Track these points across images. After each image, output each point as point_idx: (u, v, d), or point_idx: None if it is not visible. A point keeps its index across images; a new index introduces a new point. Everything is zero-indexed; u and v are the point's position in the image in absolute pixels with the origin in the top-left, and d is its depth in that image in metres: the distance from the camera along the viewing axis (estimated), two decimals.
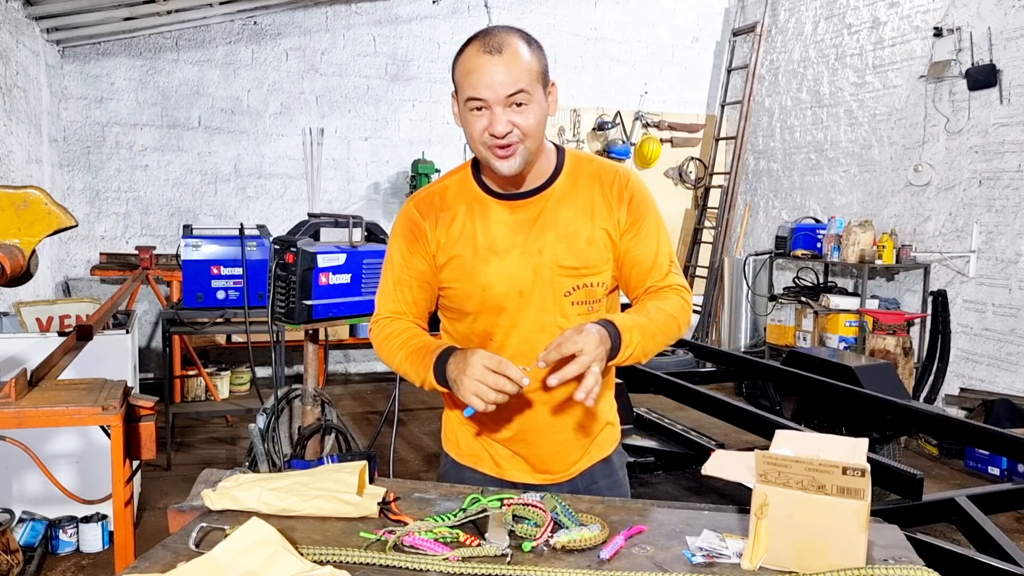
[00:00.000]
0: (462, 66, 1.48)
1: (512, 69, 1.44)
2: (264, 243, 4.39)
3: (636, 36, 7.96)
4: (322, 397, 2.86)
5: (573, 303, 1.59)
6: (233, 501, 1.29)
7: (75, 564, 3.34)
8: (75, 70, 6.42)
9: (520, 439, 1.67)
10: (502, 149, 1.47)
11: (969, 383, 5.60)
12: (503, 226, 1.58)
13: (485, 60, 1.44)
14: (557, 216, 1.58)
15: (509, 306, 1.58)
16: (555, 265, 1.57)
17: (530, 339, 1.58)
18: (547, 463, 1.69)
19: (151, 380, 6.35)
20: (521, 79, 1.45)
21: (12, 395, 1.78)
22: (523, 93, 1.45)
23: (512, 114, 1.46)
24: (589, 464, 1.72)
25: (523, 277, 1.57)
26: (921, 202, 6.05)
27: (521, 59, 1.46)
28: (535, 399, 1.63)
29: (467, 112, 1.48)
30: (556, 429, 1.66)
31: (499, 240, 1.58)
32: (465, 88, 1.47)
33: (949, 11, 5.78)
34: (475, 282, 1.59)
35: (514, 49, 1.46)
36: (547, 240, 1.57)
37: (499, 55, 1.44)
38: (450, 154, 7.44)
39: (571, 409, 1.64)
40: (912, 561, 1.17)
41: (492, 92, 1.44)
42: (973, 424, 3.81)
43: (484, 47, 1.45)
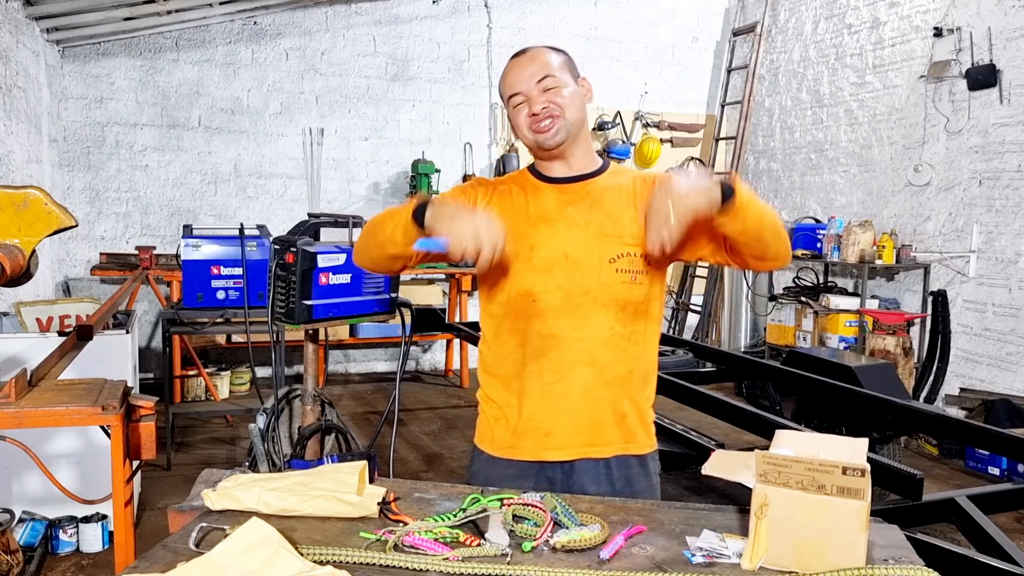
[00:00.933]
0: (503, 79, 1.73)
1: (537, 62, 1.68)
2: (264, 243, 4.39)
3: (636, 36, 7.96)
4: (322, 397, 2.86)
5: (617, 270, 1.66)
6: (233, 501, 1.29)
7: (75, 564, 3.34)
8: (75, 70, 6.42)
9: (552, 413, 1.68)
10: (542, 122, 1.66)
11: (969, 383, 5.60)
12: (553, 202, 1.72)
13: (515, 63, 1.71)
14: (603, 198, 1.71)
15: (555, 267, 1.66)
16: (600, 233, 1.67)
17: (575, 300, 1.66)
18: (581, 435, 1.68)
19: (151, 380, 6.35)
20: (547, 67, 1.67)
21: (12, 395, 1.78)
22: (550, 78, 1.66)
23: (544, 95, 1.66)
24: (622, 451, 1.72)
25: (570, 241, 1.67)
26: (921, 202, 6.05)
27: (545, 54, 1.71)
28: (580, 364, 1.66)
29: (513, 112, 1.71)
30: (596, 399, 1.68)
31: (549, 211, 1.71)
32: (506, 91, 1.71)
33: (949, 11, 5.78)
34: (524, 241, 1.68)
35: (539, 49, 1.72)
36: (594, 215, 1.69)
37: (524, 55, 1.71)
38: (450, 154, 7.44)
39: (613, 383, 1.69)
40: (912, 561, 1.17)
41: (524, 83, 1.67)
42: (973, 424, 3.80)
43: (517, 54, 1.72)
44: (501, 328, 1.74)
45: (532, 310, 1.67)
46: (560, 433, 1.69)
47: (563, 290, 1.66)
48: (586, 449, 1.69)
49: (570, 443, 1.69)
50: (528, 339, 1.69)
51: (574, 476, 1.70)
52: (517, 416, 1.71)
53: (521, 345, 1.70)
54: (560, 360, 1.67)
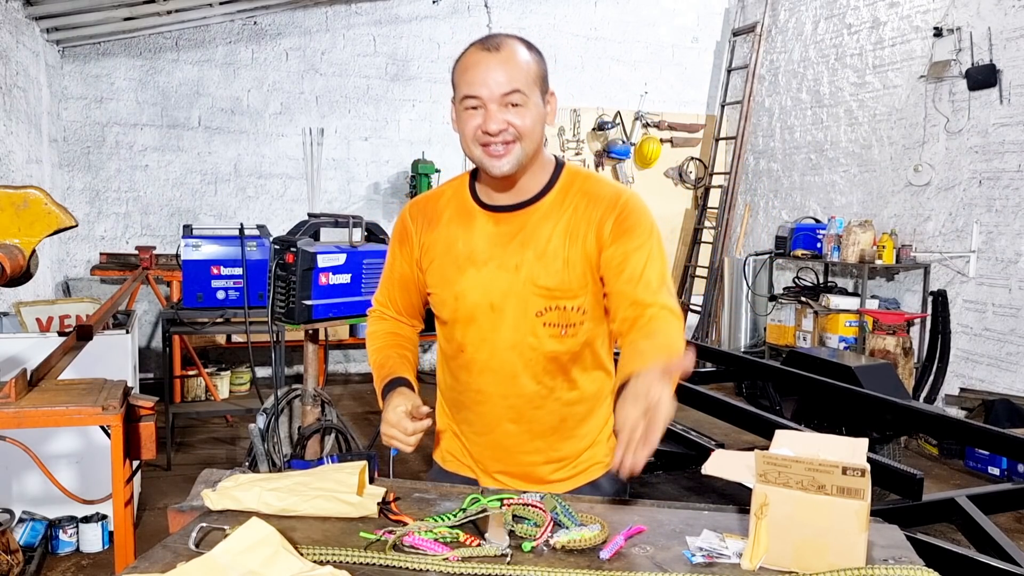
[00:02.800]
0: (460, 65, 1.48)
1: (509, 67, 1.43)
2: (264, 243, 4.39)
3: (636, 36, 7.96)
4: (322, 397, 2.86)
5: (545, 324, 1.54)
6: (233, 501, 1.29)
7: (75, 564, 3.34)
8: (75, 70, 6.42)
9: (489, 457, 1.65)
10: (495, 147, 1.46)
11: (969, 383, 5.60)
12: (485, 237, 1.56)
13: (482, 57, 1.44)
14: (538, 233, 1.53)
15: (480, 318, 1.56)
16: (530, 283, 1.52)
17: (499, 356, 1.56)
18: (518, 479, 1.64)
19: (151, 380, 6.35)
20: (518, 79, 1.43)
21: (12, 395, 1.78)
22: (519, 93, 1.44)
23: (507, 113, 1.44)
24: (574, 487, 1.64)
25: (496, 290, 1.54)
26: (921, 202, 6.05)
27: (519, 59, 1.45)
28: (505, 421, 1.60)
29: (462, 111, 1.47)
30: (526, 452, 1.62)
31: (479, 251, 1.56)
32: (461, 86, 1.46)
33: (949, 11, 5.77)
34: (450, 289, 1.58)
35: (512, 49, 1.45)
36: (525, 256, 1.53)
37: (496, 52, 1.44)
38: (450, 154, 7.44)
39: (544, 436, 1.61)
40: (912, 561, 1.17)
41: (487, 89, 1.43)
42: (973, 424, 3.80)
43: (483, 46, 1.45)
44: (441, 368, 1.72)
45: (460, 360, 1.62)
46: (497, 473, 1.66)
47: (488, 343, 1.56)
48: (527, 487, 1.60)
49: (509, 484, 1.63)
50: (459, 387, 1.65)
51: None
52: (462, 446, 1.70)
53: (453, 388, 1.67)
54: (487, 415, 1.61)
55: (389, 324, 1.75)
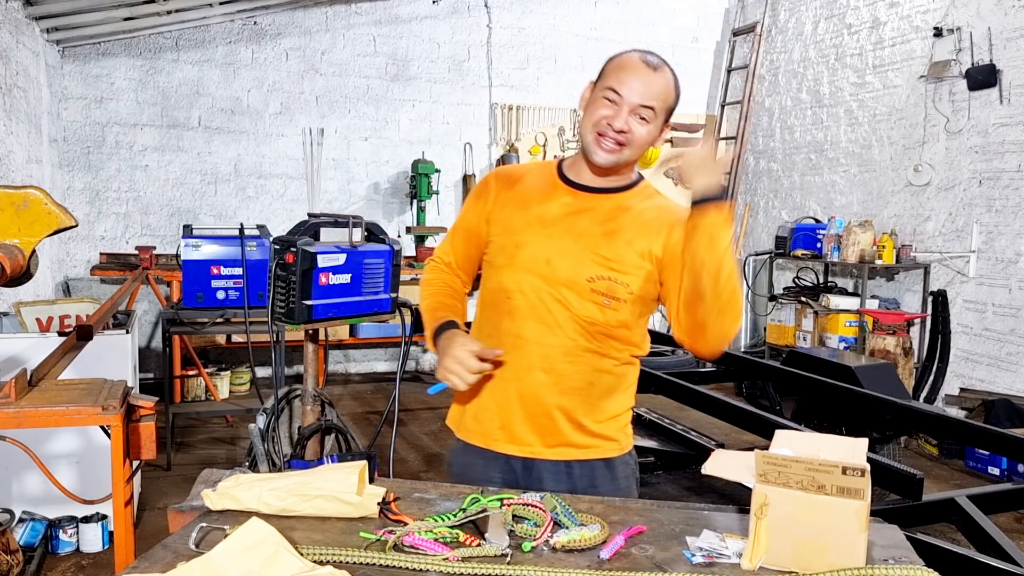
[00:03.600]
0: (618, 62, 1.64)
1: (655, 86, 1.61)
2: (264, 243, 4.39)
3: (636, 36, 7.96)
4: (322, 397, 2.86)
5: (593, 290, 1.64)
6: (233, 501, 1.29)
7: (75, 564, 3.34)
8: (75, 70, 6.42)
9: (506, 409, 1.70)
10: (607, 140, 1.62)
11: (969, 383, 5.60)
12: (560, 206, 1.70)
13: (642, 67, 1.61)
14: (611, 216, 1.68)
15: (534, 269, 1.67)
16: (590, 250, 1.65)
17: (544, 304, 1.67)
18: (532, 435, 1.69)
19: (151, 380, 6.35)
20: (656, 98, 1.61)
21: (12, 395, 1.78)
22: (651, 111, 1.61)
23: (633, 119, 1.61)
24: (585, 457, 1.71)
25: (555, 249, 1.66)
26: (921, 202, 6.05)
27: (666, 84, 1.63)
28: (537, 370, 1.67)
29: (598, 98, 1.63)
30: (548, 405, 1.68)
31: (550, 214, 1.70)
32: (611, 79, 1.62)
33: (949, 11, 5.78)
34: (512, 238, 1.70)
35: (665, 74, 1.63)
36: (592, 230, 1.67)
37: (653, 71, 1.61)
38: (450, 154, 7.45)
39: (570, 393, 1.68)
40: (912, 561, 1.17)
41: (630, 92, 1.60)
42: (973, 424, 3.81)
43: (645, 58, 1.63)
44: (481, 317, 1.80)
45: (504, 306, 1.70)
46: (512, 430, 1.71)
47: (536, 293, 1.66)
48: (540, 450, 1.70)
49: (523, 441, 1.70)
50: (497, 333, 1.71)
51: (534, 472, 1.71)
52: (476, 402, 1.75)
53: (491, 336, 1.72)
54: (519, 362, 1.68)
55: (447, 276, 1.85)
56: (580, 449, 1.71)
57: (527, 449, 1.70)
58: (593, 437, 1.71)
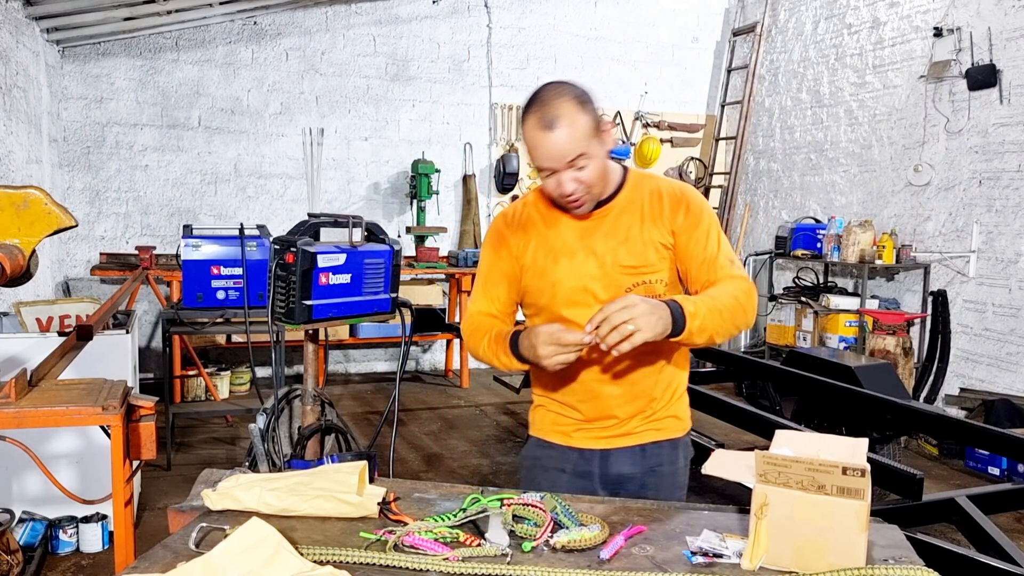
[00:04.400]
0: (526, 138, 1.68)
1: (567, 140, 1.62)
2: (264, 243, 4.39)
3: (636, 36, 7.96)
4: (322, 397, 2.86)
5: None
6: (233, 501, 1.29)
7: (75, 564, 3.34)
8: (75, 70, 6.42)
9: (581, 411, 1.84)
10: (572, 203, 1.71)
11: (969, 383, 5.60)
12: (572, 231, 1.80)
13: (543, 137, 1.63)
14: (618, 224, 1.78)
15: (577, 299, 1.77)
16: (616, 265, 1.76)
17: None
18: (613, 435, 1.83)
19: (151, 380, 6.35)
20: (578, 146, 1.63)
21: (12, 395, 1.78)
22: (581, 157, 1.64)
23: (575, 173, 1.66)
24: (654, 439, 1.85)
25: (587, 274, 1.77)
26: (921, 202, 6.05)
27: (574, 129, 1.62)
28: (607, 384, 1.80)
29: (537, 168, 1.71)
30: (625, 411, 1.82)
31: (568, 243, 1.79)
32: (533, 156, 1.69)
33: (949, 11, 5.77)
34: (546, 279, 1.80)
35: (566, 120, 1.62)
36: (610, 244, 1.77)
37: (551, 131, 1.62)
38: (450, 154, 7.45)
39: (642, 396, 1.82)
40: (912, 561, 1.17)
41: (554, 162, 1.65)
42: (973, 424, 3.80)
43: (540, 123, 1.62)
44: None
45: None
46: (588, 432, 1.85)
47: (589, 314, 1.70)
48: (619, 440, 1.84)
49: (598, 438, 1.85)
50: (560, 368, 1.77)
51: (611, 459, 1.85)
52: (555, 408, 1.89)
53: (556, 374, 1.79)
54: (590, 382, 1.81)
55: (492, 321, 1.88)
56: (652, 429, 1.85)
57: (603, 443, 1.84)
58: (659, 423, 1.86)
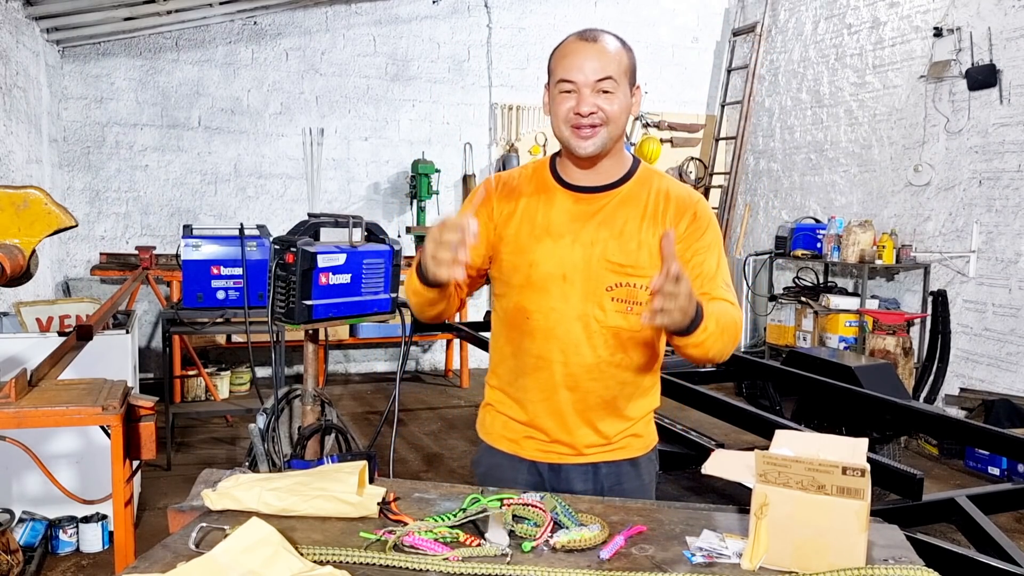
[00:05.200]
0: (558, 52, 1.61)
1: (603, 57, 1.55)
2: (264, 243, 4.39)
3: (636, 36, 7.96)
4: (322, 397, 2.86)
5: (613, 299, 1.63)
6: (233, 501, 1.29)
7: (75, 564, 3.34)
8: (75, 70, 6.41)
9: (535, 423, 1.71)
10: (584, 129, 1.57)
11: (969, 383, 5.60)
12: (563, 213, 1.66)
13: (580, 46, 1.57)
14: (616, 215, 1.64)
15: (551, 287, 1.63)
16: (603, 259, 1.62)
17: (565, 324, 1.64)
18: (562, 447, 1.70)
19: (151, 380, 6.35)
20: (610, 67, 1.55)
21: (12, 395, 1.78)
22: (610, 80, 1.55)
23: (598, 98, 1.56)
24: (612, 458, 1.72)
25: (570, 263, 1.63)
26: (921, 202, 6.05)
27: (613, 50, 1.57)
28: (563, 388, 1.67)
29: (556, 94, 1.59)
30: (576, 421, 1.69)
31: (556, 224, 1.65)
32: (558, 71, 1.59)
33: (949, 11, 5.77)
34: (524, 257, 1.65)
35: (607, 41, 1.58)
36: (601, 235, 1.63)
37: (593, 43, 1.56)
38: (450, 154, 7.44)
39: (596, 408, 1.69)
40: (912, 561, 1.17)
41: (583, 75, 1.55)
42: (973, 424, 3.80)
43: (581, 36, 1.59)
44: (501, 334, 1.77)
45: (525, 327, 1.68)
46: (539, 442, 1.72)
47: (556, 312, 1.64)
48: (570, 457, 1.71)
49: (549, 451, 1.72)
50: (519, 353, 1.71)
51: (562, 475, 1.73)
52: (507, 413, 1.76)
53: (514, 355, 1.73)
54: (545, 382, 1.68)
55: None
56: (607, 451, 1.72)
57: (554, 457, 1.72)
58: (620, 442, 1.73)
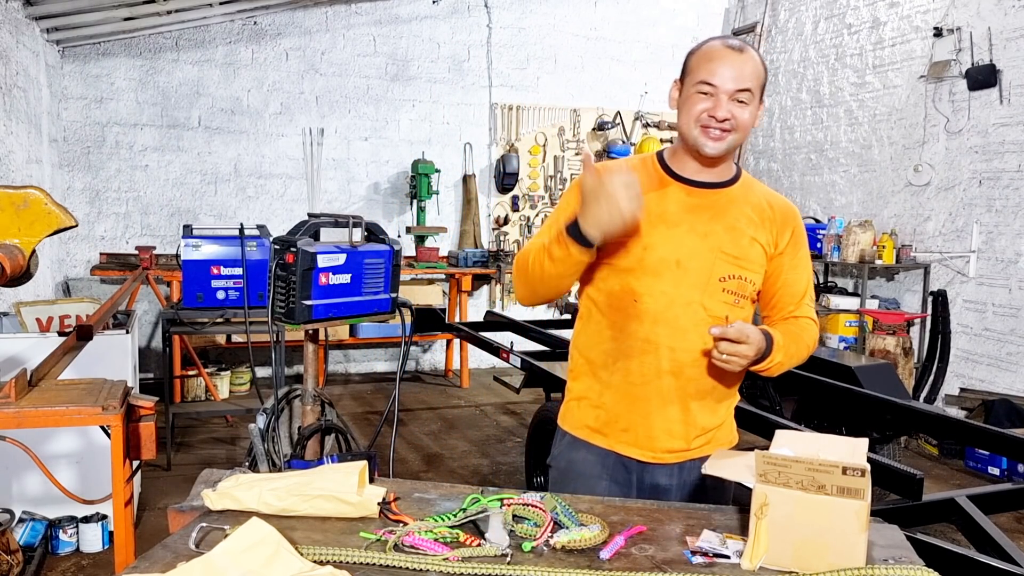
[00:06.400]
0: (702, 54, 1.66)
1: (747, 68, 1.62)
2: (264, 243, 4.39)
3: (636, 36, 7.96)
4: (322, 397, 2.86)
5: (725, 290, 1.67)
6: (233, 501, 1.29)
7: (75, 564, 3.34)
8: (75, 70, 6.41)
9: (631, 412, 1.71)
10: (714, 131, 1.62)
11: (969, 383, 5.60)
12: (677, 203, 1.69)
13: (728, 53, 1.62)
14: (728, 211, 1.69)
15: (664, 272, 1.66)
16: (718, 249, 1.67)
17: (673, 309, 1.66)
18: (656, 440, 1.71)
19: (151, 380, 6.35)
20: (750, 80, 1.62)
21: (12, 395, 1.78)
22: (748, 92, 1.62)
23: (733, 106, 1.62)
24: (699, 456, 1.73)
25: (684, 250, 1.66)
26: (921, 202, 6.05)
27: (756, 64, 1.65)
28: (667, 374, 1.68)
29: (693, 93, 1.64)
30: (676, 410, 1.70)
31: (671, 213, 1.68)
32: (701, 72, 1.63)
33: (949, 11, 5.77)
34: (638, 240, 1.66)
35: (751, 54, 1.65)
36: (715, 227, 1.68)
37: (740, 52, 1.63)
38: (450, 154, 7.44)
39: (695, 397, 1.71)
40: (912, 561, 1.17)
41: (725, 79, 1.61)
42: (973, 424, 3.80)
43: (727, 44, 1.64)
44: (599, 315, 1.75)
45: (632, 310, 1.68)
46: (637, 433, 1.72)
47: (667, 297, 1.66)
48: (661, 455, 1.73)
49: (645, 445, 1.73)
50: (623, 336, 1.70)
51: (647, 471, 1.74)
52: (599, 403, 1.75)
53: (615, 339, 1.71)
54: (649, 365, 1.68)
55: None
56: (697, 451, 1.74)
57: (647, 454, 1.72)
58: (708, 440, 1.76)
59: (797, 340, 1.68)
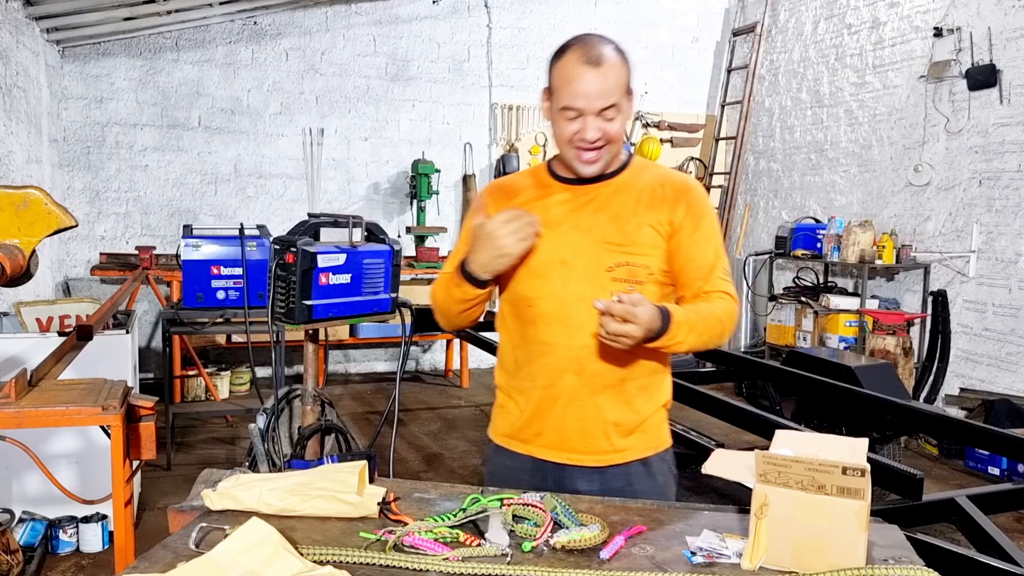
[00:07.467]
0: (561, 72, 1.60)
1: (610, 81, 1.56)
2: (264, 243, 4.39)
3: (636, 36, 7.96)
4: (322, 397, 2.86)
5: (615, 279, 1.64)
6: (233, 501, 1.29)
7: (75, 564, 3.34)
8: (75, 70, 6.42)
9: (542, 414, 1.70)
10: (588, 152, 1.61)
11: (969, 383, 5.60)
12: (560, 204, 1.70)
13: (584, 71, 1.56)
14: (612, 201, 1.68)
15: (550, 272, 1.66)
16: (602, 241, 1.65)
17: (565, 308, 1.66)
18: (570, 441, 1.69)
19: (151, 380, 6.35)
20: (614, 93, 1.57)
21: (12, 395, 1.78)
22: (613, 108, 1.58)
23: (602, 122, 1.58)
24: (622, 460, 1.71)
25: (568, 248, 1.66)
26: (921, 202, 6.05)
27: (617, 70, 1.58)
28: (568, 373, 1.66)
29: (560, 115, 1.61)
30: (584, 407, 1.68)
31: (553, 215, 1.68)
32: (563, 96, 1.59)
33: (949, 11, 5.77)
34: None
35: (609, 61, 1.57)
36: (599, 219, 1.66)
37: (596, 67, 1.56)
38: (450, 154, 7.44)
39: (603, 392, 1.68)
40: (912, 561, 1.17)
41: (588, 103, 1.56)
42: (973, 424, 3.80)
43: (584, 57, 1.56)
44: (505, 326, 1.79)
45: (528, 315, 1.70)
46: (550, 436, 1.71)
47: (558, 296, 1.66)
48: (577, 456, 1.70)
49: (559, 447, 1.71)
50: (524, 342, 1.72)
51: (566, 475, 1.71)
52: (515, 411, 1.75)
53: (520, 345, 1.74)
54: (549, 367, 1.68)
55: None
56: (616, 453, 1.70)
57: (563, 455, 1.70)
58: (628, 437, 1.71)
59: (707, 316, 1.62)
